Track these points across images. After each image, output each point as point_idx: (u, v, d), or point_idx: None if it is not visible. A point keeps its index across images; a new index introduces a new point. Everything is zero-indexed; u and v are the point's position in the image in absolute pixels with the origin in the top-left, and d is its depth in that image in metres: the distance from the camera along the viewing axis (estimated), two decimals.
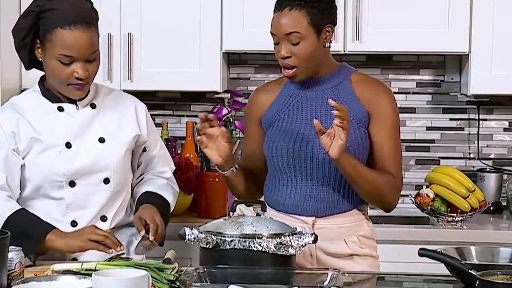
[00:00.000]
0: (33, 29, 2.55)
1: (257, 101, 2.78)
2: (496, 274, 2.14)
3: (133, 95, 2.85)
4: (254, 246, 2.28)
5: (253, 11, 3.79)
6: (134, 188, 2.79)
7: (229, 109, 4.01)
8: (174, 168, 2.89)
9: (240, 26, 3.82)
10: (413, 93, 4.17)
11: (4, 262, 2.14)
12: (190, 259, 2.62)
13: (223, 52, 3.87)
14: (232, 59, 4.20)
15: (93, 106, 2.68)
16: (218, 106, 4.03)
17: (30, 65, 2.66)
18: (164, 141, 4.01)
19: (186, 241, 2.36)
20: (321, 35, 2.59)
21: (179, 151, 4.05)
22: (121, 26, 3.85)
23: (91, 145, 2.64)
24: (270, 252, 2.29)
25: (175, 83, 3.89)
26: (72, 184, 2.61)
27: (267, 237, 2.30)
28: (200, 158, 4.01)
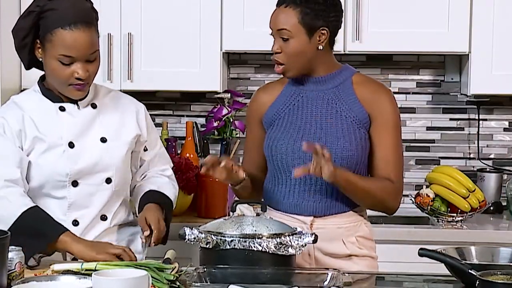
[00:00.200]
0: (33, 29, 2.55)
1: (258, 101, 2.79)
2: (496, 274, 2.14)
3: (133, 95, 2.85)
4: (254, 246, 2.28)
5: (253, 11, 3.79)
6: (136, 186, 2.80)
7: (229, 109, 4.01)
8: (172, 165, 2.91)
9: (240, 26, 3.82)
10: (413, 93, 4.17)
11: (4, 262, 2.14)
12: (190, 259, 2.62)
13: (223, 52, 3.87)
14: (232, 59, 4.20)
15: (93, 106, 2.68)
16: (218, 106, 4.03)
17: (30, 65, 2.66)
18: (164, 141, 4.03)
19: (186, 241, 2.36)
20: (314, 36, 2.60)
21: (179, 151, 4.05)
22: (121, 26, 3.85)
23: (94, 145, 2.64)
24: (270, 252, 2.29)
25: (175, 83, 3.89)
26: (75, 184, 2.61)
27: (267, 237, 2.30)
28: (200, 158, 4.00)
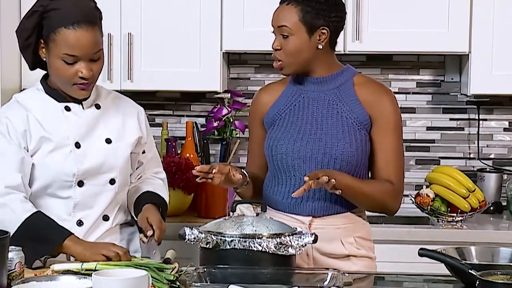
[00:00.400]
0: (36, 29, 2.55)
1: (259, 101, 2.79)
2: (496, 274, 2.14)
3: (133, 95, 2.86)
4: (254, 246, 2.28)
5: (253, 11, 3.79)
6: (131, 186, 2.79)
7: (229, 109, 4.01)
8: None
9: (240, 26, 3.82)
10: (413, 93, 4.17)
11: (4, 262, 2.14)
12: (190, 259, 2.61)
13: (223, 52, 3.87)
14: (232, 59, 4.20)
15: (97, 106, 2.68)
16: (218, 106, 4.03)
17: (34, 65, 2.66)
18: (164, 141, 4.04)
19: (186, 241, 2.36)
20: (314, 35, 2.60)
21: (179, 151, 4.05)
22: (121, 26, 3.85)
23: (99, 146, 2.64)
24: (270, 252, 2.29)
25: (175, 83, 3.89)
26: (80, 184, 2.61)
27: (267, 237, 2.30)
28: (200, 158, 4.01)
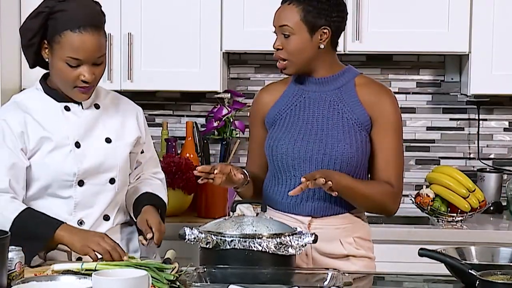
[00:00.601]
0: (41, 29, 2.54)
1: (260, 101, 2.80)
2: (496, 274, 2.14)
3: (133, 95, 2.86)
4: (254, 246, 2.28)
5: (253, 11, 3.79)
6: (130, 187, 2.79)
7: (229, 109, 4.01)
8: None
9: (240, 26, 3.82)
10: (413, 93, 4.17)
11: (4, 262, 2.14)
12: (190, 259, 2.61)
13: (223, 52, 3.87)
14: (232, 59, 4.20)
15: (97, 106, 2.68)
16: (218, 106, 4.03)
17: (35, 65, 2.66)
18: (164, 141, 4.04)
19: (186, 241, 2.36)
20: (315, 35, 2.61)
21: (179, 151, 4.05)
22: (121, 26, 3.85)
23: (99, 145, 2.64)
24: (270, 252, 2.29)
25: (175, 83, 3.89)
26: (81, 183, 2.61)
27: (267, 237, 2.30)
28: (200, 158, 4.01)
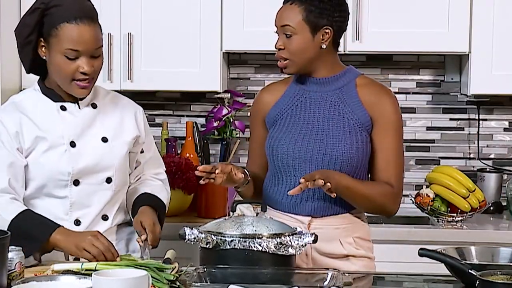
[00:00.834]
0: (38, 26, 2.56)
1: (261, 100, 2.80)
2: (496, 274, 2.14)
3: (133, 95, 2.86)
4: (254, 246, 2.28)
5: (253, 11, 3.79)
6: (130, 187, 2.80)
7: (229, 109, 4.01)
8: (165, 169, 2.92)
9: (240, 26, 3.82)
10: (413, 93, 4.17)
11: (4, 262, 2.14)
12: (190, 259, 2.61)
13: (223, 52, 3.87)
14: (232, 59, 4.20)
15: (94, 106, 2.69)
16: (218, 106, 4.03)
17: (31, 67, 2.66)
18: (164, 141, 4.04)
19: (186, 241, 2.36)
20: (317, 35, 2.61)
21: (179, 151, 4.05)
22: (121, 26, 3.85)
23: (95, 144, 2.65)
24: (270, 252, 2.29)
25: (175, 83, 3.89)
26: (76, 183, 2.62)
27: (267, 237, 2.30)
28: (200, 158, 4.01)
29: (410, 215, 3.91)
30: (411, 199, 3.81)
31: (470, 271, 2.20)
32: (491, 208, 3.93)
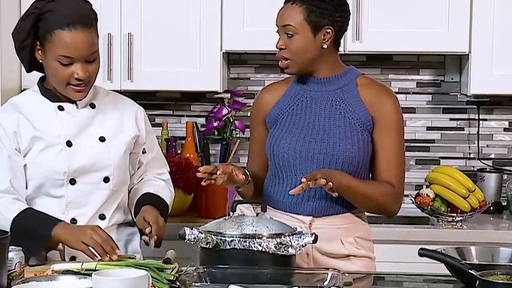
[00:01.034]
0: (33, 30, 2.56)
1: (262, 100, 2.80)
2: (496, 274, 2.14)
3: (133, 95, 2.86)
4: (254, 246, 2.28)
5: (253, 11, 3.79)
6: (133, 188, 2.80)
7: (229, 109, 4.01)
8: (169, 169, 2.91)
9: (240, 26, 3.82)
10: (413, 93, 4.17)
11: (4, 262, 2.14)
12: (190, 259, 2.61)
13: (223, 52, 3.87)
14: (232, 59, 4.20)
15: (92, 106, 2.69)
16: (218, 106, 4.03)
17: (31, 68, 2.67)
18: (164, 141, 4.03)
19: (186, 241, 2.36)
20: (318, 35, 2.61)
21: (179, 151, 4.05)
22: (121, 26, 3.85)
23: (92, 144, 2.65)
24: (270, 252, 2.29)
25: (175, 83, 3.89)
26: (72, 182, 2.62)
27: (267, 237, 2.30)
28: (200, 158, 4.01)
29: (410, 215, 3.91)
30: (411, 199, 3.81)
31: (470, 271, 2.20)
32: (491, 208, 3.93)
